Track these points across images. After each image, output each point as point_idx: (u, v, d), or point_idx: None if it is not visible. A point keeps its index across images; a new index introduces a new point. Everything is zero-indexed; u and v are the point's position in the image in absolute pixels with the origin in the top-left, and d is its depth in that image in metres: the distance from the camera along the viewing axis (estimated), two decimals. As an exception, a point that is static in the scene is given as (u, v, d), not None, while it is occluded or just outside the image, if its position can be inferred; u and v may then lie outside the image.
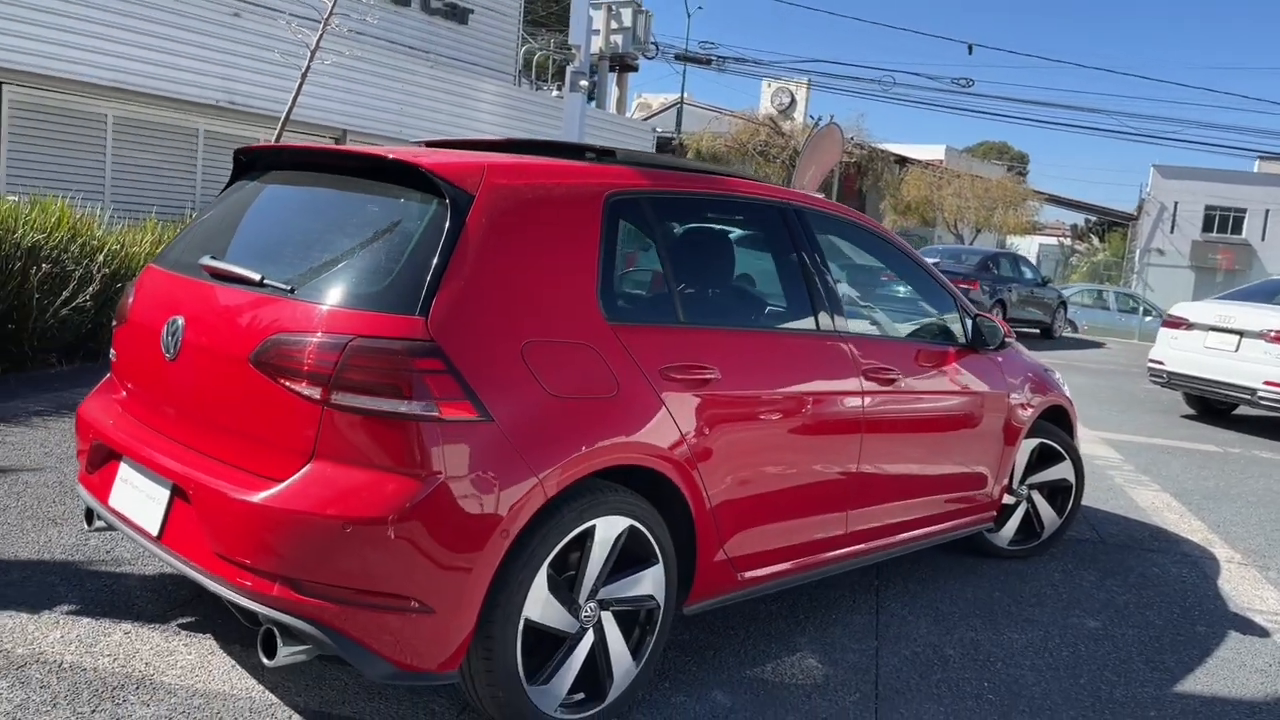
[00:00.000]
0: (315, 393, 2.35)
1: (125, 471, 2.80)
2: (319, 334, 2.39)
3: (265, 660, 2.38)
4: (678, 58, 25.28)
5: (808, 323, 3.40)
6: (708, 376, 2.92)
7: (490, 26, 18.87)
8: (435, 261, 2.44)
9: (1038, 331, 17.71)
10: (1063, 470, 4.73)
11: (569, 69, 14.66)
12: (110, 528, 2.93)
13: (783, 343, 3.32)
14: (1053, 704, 3.23)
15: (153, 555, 3.38)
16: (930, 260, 15.97)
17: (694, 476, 2.87)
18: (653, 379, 2.76)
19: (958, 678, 3.36)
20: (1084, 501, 5.79)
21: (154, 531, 2.62)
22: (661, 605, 2.88)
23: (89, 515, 3.04)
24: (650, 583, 2.83)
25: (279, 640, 2.36)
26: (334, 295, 2.47)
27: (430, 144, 3.43)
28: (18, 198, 7.37)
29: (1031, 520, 4.72)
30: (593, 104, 20.55)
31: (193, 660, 2.94)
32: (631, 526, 2.73)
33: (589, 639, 2.70)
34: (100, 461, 2.94)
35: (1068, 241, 49.23)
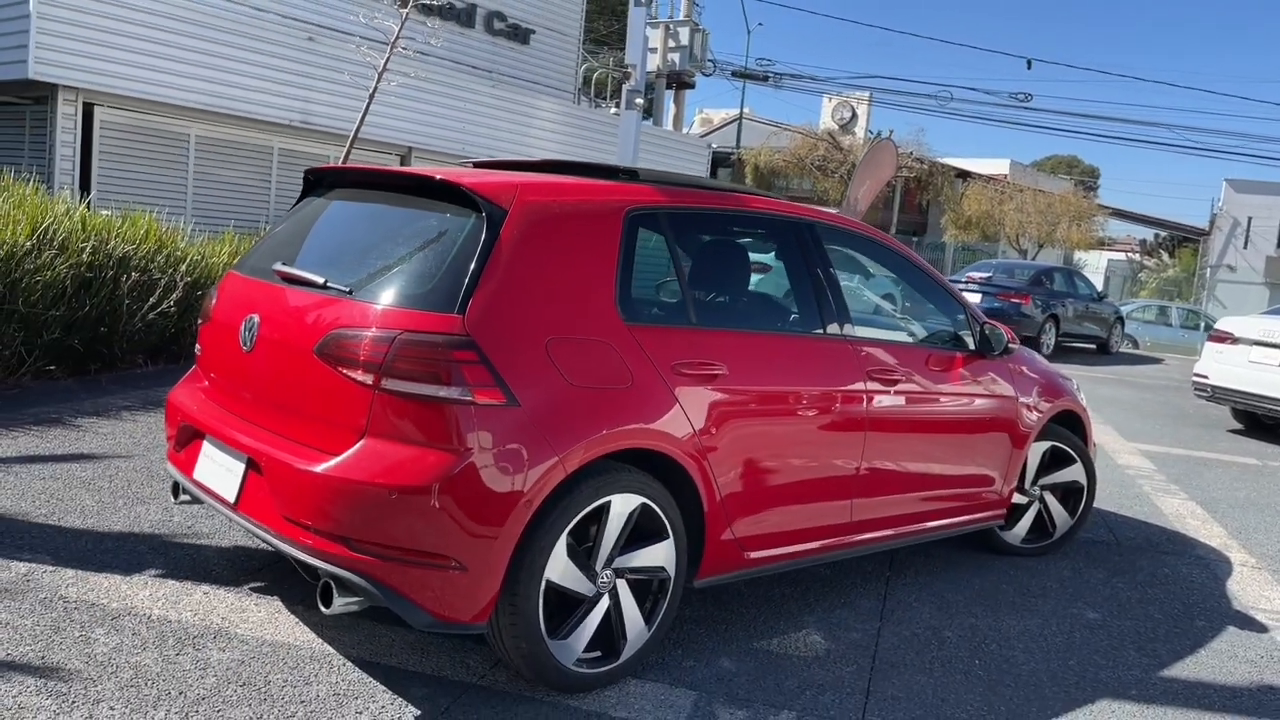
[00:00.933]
0: (369, 379, 2.75)
1: (208, 449, 3.23)
2: (373, 329, 2.79)
3: (323, 608, 2.78)
4: (735, 74, 25.64)
5: (815, 327, 3.73)
6: (716, 372, 3.26)
7: (551, 46, 19.45)
8: (472, 267, 2.83)
9: (1094, 347, 17.64)
10: (1074, 472, 4.95)
11: (625, 87, 15.08)
12: (195, 500, 3.36)
13: (789, 344, 3.65)
14: (1038, 680, 3.49)
15: (230, 525, 3.83)
16: (982, 274, 16.24)
17: (702, 462, 3.21)
18: (665, 373, 3.11)
19: (952, 655, 3.63)
20: (1107, 507, 6.00)
21: (231, 499, 3.04)
22: (672, 577, 3.22)
23: (175, 489, 3.48)
24: (662, 555, 3.18)
25: (335, 592, 2.76)
26: (386, 296, 2.88)
27: (478, 164, 3.84)
28: (109, 211, 8.01)
29: (1044, 520, 4.95)
30: (649, 121, 21.02)
31: (262, 617, 3.36)
32: (644, 504, 3.08)
33: (605, 603, 3.06)
34: (186, 441, 3.38)
35: (1136, 257, 48.32)
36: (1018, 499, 4.83)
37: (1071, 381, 5.18)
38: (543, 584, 2.86)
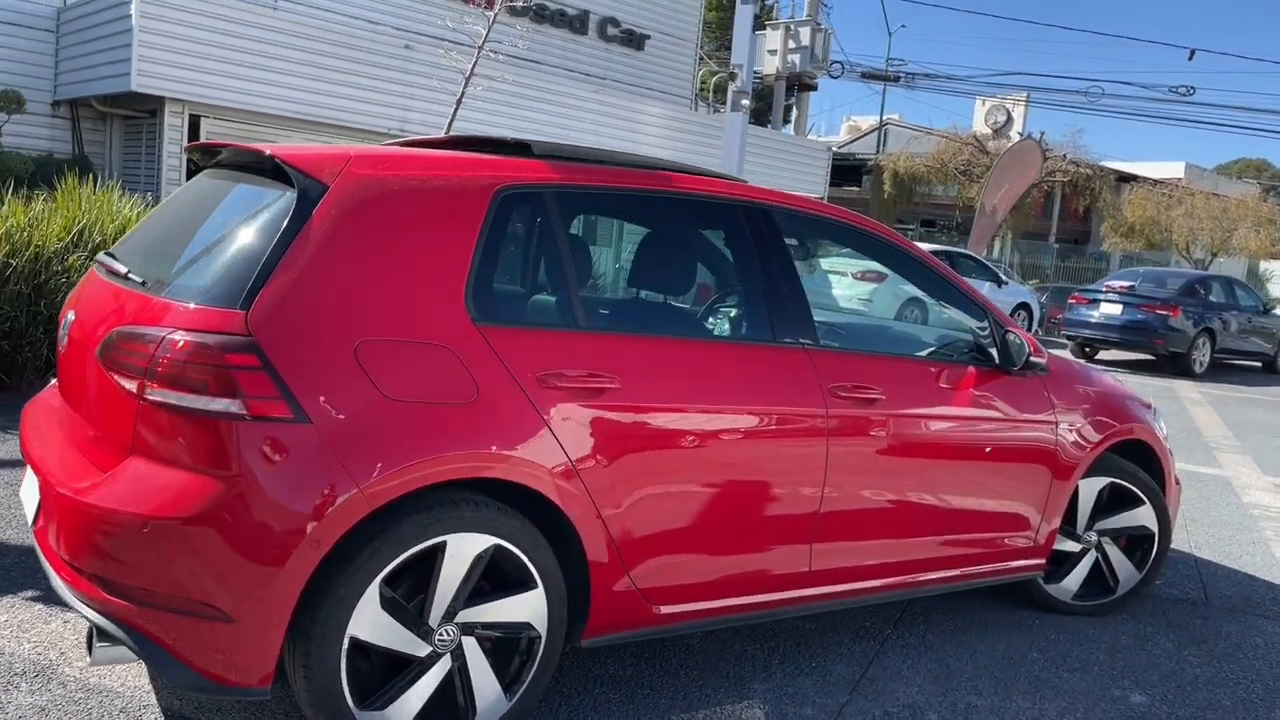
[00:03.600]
0: (133, 386, 2.30)
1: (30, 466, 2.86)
2: (144, 327, 2.34)
3: (87, 657, 2.34)
4: (865, 75, 24.51)
5: (755, 332, 3.07)
6: (602, 385, 2.65)
7: (667, 51, 19.04)
8: (268, 254, 2.35)
9: (1259, 365, 15.77)
10: (1141, 516, 4.05)
11: (730, 89, 14.47)
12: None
13: (712, 352, 2.99)
14: (1027, 789, 2.72)
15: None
16: (1125, 283, 14.74)
17: (580, 494, 2.61)
18: (528, 386, 2.54)
19: (922, 747, 2.89)
20: (1208, 554, 5.02)
21: (30, 523, 2.65)
22: (544, 635, 2.63)
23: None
24: (527, 608, 2.60)
25: (95, 638, 2.32)
26: (174, 289, 2.43)
27: (405, 143, 3.36)
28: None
29: (1103, 572, 4.07)
30: (768, 125, 20.29)
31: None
32: (498, 546, 2.52)
33: (444, 665, 2.50)
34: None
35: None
36: (1066, 545, 3.98)
37: (1148, 406, 4.27)
38: (345, 643, 2.33)
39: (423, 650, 2.46)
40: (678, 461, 2.80)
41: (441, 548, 2.44)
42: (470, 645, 2.54)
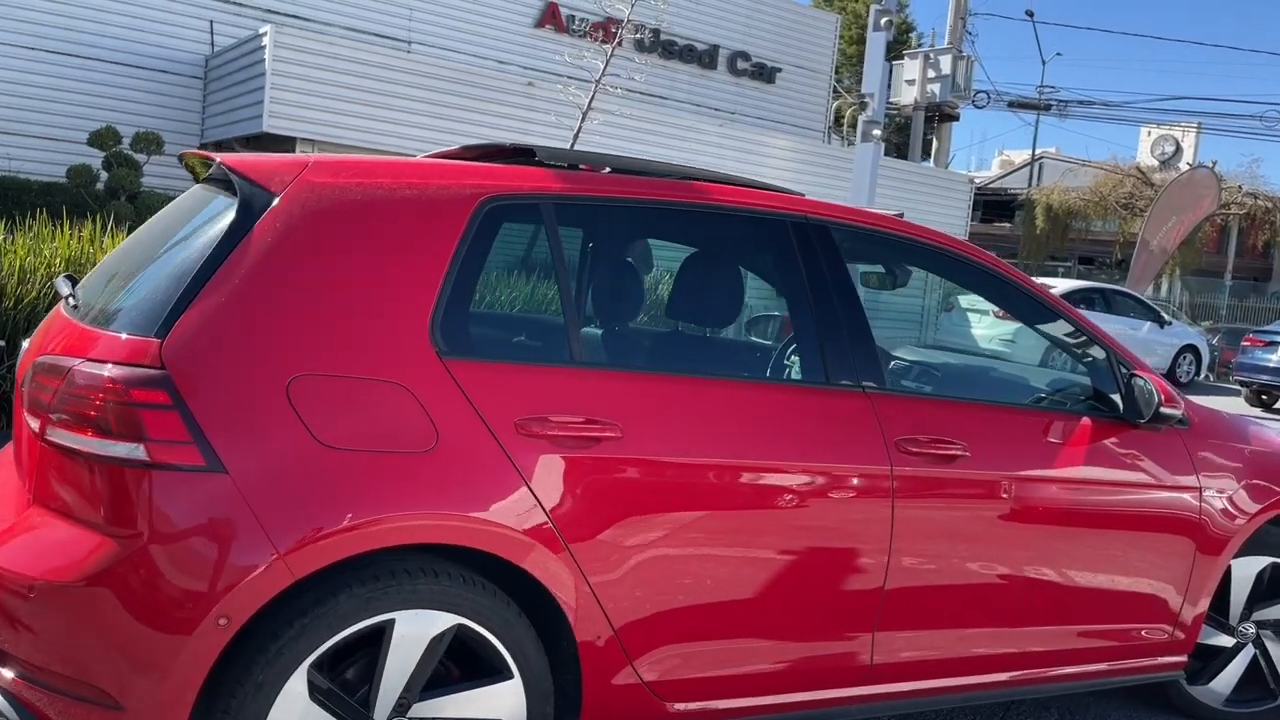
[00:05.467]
0: (37, 425, 1.99)
1: None
2: (58, 357, 2.04)
3: None
4: (1011, 105, 23.29)
5: (802, 372, 2.54)
6: (601, 435, 2.19)
7: (799, 84, 18.55)
8: (196, 273, 2.01)
9: None
10: (1313, 605, 3.27)
11: (860, 119, 13.86)
12: None
13: (743, 395, 2.47)
14: None
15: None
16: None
17: (567, 566, 2.15)
18: (501, 432, 2.11)
19: None
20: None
21: None
22: (522, 734, 2.18)
23: None
24: (500, 704, 2.15)
25: (-12, 716, 2.01)
26: (101, 315, 2.12)
27: (436, 155, 3.01)
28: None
29: (1263, 672, 3.30)
30: (912, 157, 19.45)
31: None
32: (461, 625, 2.08)
33: (396, 767, 2.08)
34: None
35: None
36: (1216, 640, 3.25)
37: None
38: (263, 739, 1.94)
39: (378, 752, 2.05)
40: (693, 528, 2.30)
41: (388, 627, 2.02)
42: (430, 744, 2.11)
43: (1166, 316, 15.91)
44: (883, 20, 13.53)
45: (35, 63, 12.27)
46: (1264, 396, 13.54)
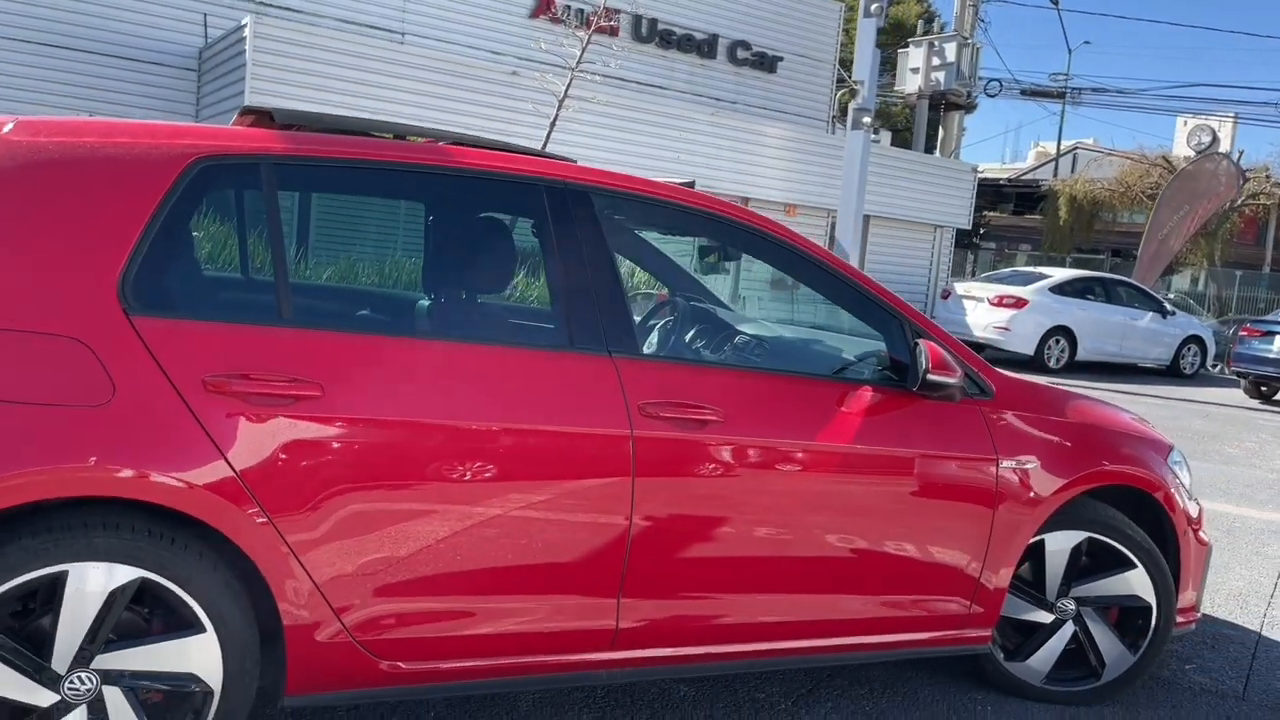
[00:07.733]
0: None
1: None
2: None
3: None
4: (1024, 93, 22.90)
5: (539, 337, 2.53)
6: (299, 394, 2.21)
7: (801, 73, 18.40)
8: None
9: None
10: (1132, 582, 3.19)
11: (851, 105, 13.71)
12: None
13: (473, 358, 2.45)
14: None
15: None
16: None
17: (260, 523, 2.17)
18: (187, 389, 2.13)
19: None
20: (1257, 626, 4.00)
21: None
22: (217, 691, 2.19)
23: None
24: (192, 658, 2.17)
25: None
26: None
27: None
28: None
29: (1083, 649, 3.23)
30: (937, 148, 19.22)
31: None
32: (145, 579, 2.11)
33: (77, 718, 2.10)
34: None
35: None
36: (1033, 616, 3.19)
37: (1164, 447, 3.40)
38: (-75, 688, 1.97)
39: (46, 700, 2.08)
40: (406, 489, 2.30)
41: (62, 578, 2.05)
42: (115, 697, 2.13)
43: (1169, 307, 15.57)
44: (873, 6, 13.37)
45: (29, 55, 12.52)
46: (1263, 388, 13.18)
